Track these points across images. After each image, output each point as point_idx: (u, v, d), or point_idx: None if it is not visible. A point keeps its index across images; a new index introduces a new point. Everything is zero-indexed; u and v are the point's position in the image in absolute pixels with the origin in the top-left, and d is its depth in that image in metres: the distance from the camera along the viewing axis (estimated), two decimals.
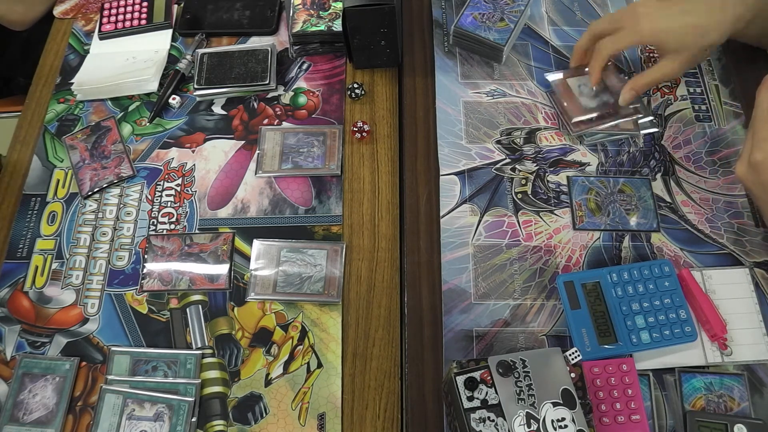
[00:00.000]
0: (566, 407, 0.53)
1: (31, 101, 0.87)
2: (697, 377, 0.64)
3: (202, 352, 0.68)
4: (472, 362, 0.55)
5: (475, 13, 0.84)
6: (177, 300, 0.72)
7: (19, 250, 0.75)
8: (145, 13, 0.93)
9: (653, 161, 0.76)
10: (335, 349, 0.68)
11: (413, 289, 0.69)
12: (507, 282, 0.69)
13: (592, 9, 0.90)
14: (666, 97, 0.81)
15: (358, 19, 0.77)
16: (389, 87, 0.85)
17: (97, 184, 0.79)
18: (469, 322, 0.67)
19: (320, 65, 0.88)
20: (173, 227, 0.76)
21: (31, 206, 0.78)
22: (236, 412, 0.65)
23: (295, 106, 0.84)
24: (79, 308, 0.72)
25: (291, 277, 0.72)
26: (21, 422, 0.65)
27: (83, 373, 0.68)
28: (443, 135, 0.78)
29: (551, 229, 0.72)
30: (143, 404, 0.65)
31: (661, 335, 0.63)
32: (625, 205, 0.73)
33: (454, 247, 0.71)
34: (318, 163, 0.79)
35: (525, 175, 0.76)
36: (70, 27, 0.94)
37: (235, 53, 0.87)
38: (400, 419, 0.65)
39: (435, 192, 0.75)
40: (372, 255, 0.73)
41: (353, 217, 0.76)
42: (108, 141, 0.82)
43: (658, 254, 0.70)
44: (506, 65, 0.84)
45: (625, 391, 0.61)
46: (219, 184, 0.79)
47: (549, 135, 0.79)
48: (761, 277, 0.69)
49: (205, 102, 0.85)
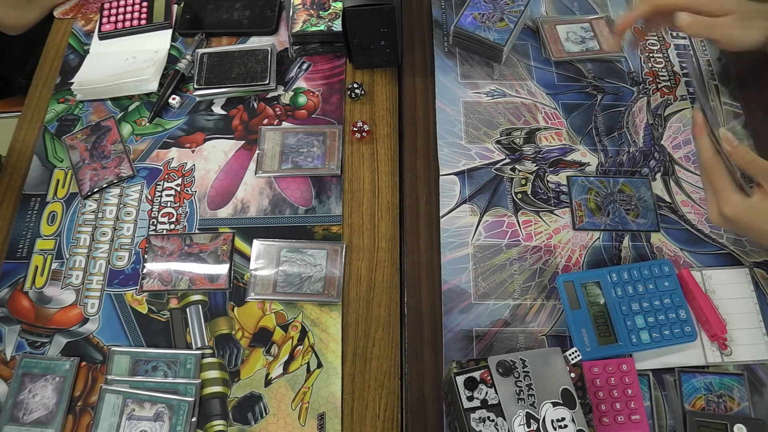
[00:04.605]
0: (566, 407, 0.53)
1: (31, 101, 0.87)
2: (696, 377, 0.64)
3: (202, 352, 0.68)
4: (472, 362, 0.55)
5: (474, 13, 0.84)
6: (177, 300, 0.72)
7: (19, 250, 0.75)
8: (145, 13, 0.93)
9: (653, 161, 0.76)
10: (335, 349, 0.68)
11: (413, 289, 0.69)
12: (507, 282, 0.69)
13: (592, 9, 0.90)
14: (666, 97, 0.82)
15: (358, 19, 0.77)
16: (389, 87, 0.85)
17: (97, 184, 0.79)
18: (468, 322, 0.67)
19: (320, 65, 0.88)
20: (173, 227, 0.76)
21: (31, 206, 0.78)
22: (236, 412, 0.65)
23: (295, 106, 0.84)
24: (79, 308, 0.72)
25: (291, 277, 0.72)
26: (21, 422, 0.65)
27: (83, 373, 0.68)
28: (443, 135, 0.79)
29: (551, 229, 0.72)
30: (143, 404, 0.65)
31: (661, 335, 0.63)
32: (624, 205, 0.73)
33: (454, 247, 0.71)
34: (318, 163, 0.79)
35: (525, 175, 0.76)
36: (70, 27, 0.94)
37: (235, 53, 0.87)
38: (400, 419, 0.65)
39: (435, 192, 0.75)
40: (372, 255, 0.73)
41: (353, 217, 0.76)
42: (108, 141, 0.82)
43: (657, 254, 0.70)
44: (506, 65, 0.84)
45: (624, 391, 0.61)
46: (219, 184, 0.79)
47: (549, 135, 0.79)
48: (761, 277, 0.69)
49: (205, 102, 0.85)
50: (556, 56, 0.84)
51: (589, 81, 0.83)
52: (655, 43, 0.86)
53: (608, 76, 0.83)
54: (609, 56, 0.85)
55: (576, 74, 0.84)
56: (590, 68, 0.84)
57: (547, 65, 0.84)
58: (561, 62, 0.84)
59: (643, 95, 0.82)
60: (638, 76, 0.83)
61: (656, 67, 0.84)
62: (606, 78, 0.83)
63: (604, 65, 0.84)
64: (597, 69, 0.84)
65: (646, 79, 0.83)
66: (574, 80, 0.83)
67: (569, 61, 0.84)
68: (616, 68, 0.84)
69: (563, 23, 0.87)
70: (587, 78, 0.83)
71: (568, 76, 0.83)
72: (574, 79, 0.83)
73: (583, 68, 0.84)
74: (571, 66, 0.84)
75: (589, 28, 0.87)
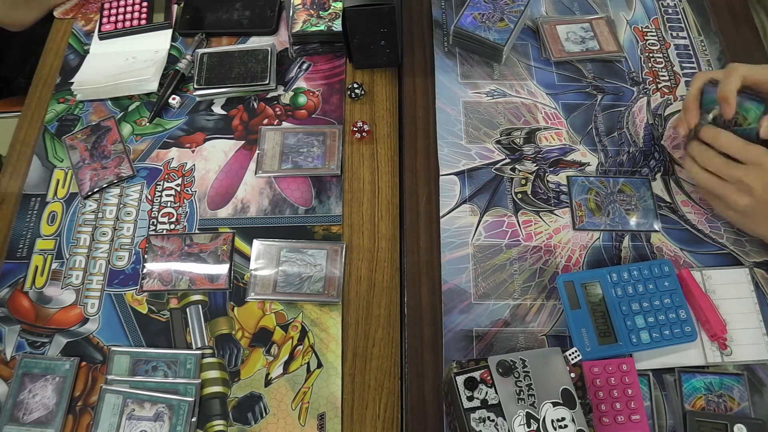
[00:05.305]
0: (566, 407, 0.53)
1: (31, 101, 0.87)
2: (696, 377, 0.64)
3: (202, 352, 0.68)
4: (472, 362, 0.55)
5: (474, 13, 0.84)
6: (177, 300, 0.72)
7: (19, 250, 0.75)
8: (145, 13, 0.93)
9: (653, 161, 0.76)
10: (335, 349, 0.68)
11: (413, 289, 0.69)
12: (507, 282, 0.69)
13: (592, 9, 0.90)
14: (666, 97, 0.82)
15: (358, 19, 0.77)
16: (389, 87, 0.85)
17: (97, 184, 0.79)
18: (468, 322, 0.67)
19: (320, 65, 0.88)
20: (173, 227, 0.76)
21: (31, 206, 0.78)
22: (236, 412, 0.65)
23: (295, 106, 0.84)
24: (79, 308, 0.72)
25: (291, 277, 0.72)
26: (21, 422, 0.65)
27: (83, 373, 0.68)
28: (443, 135, 0.79)
29: (551, 229, 0.72)
30: (143, 404, 0.65)
31: (661, 335, 0.63)
32: (624, 205, 0.73)
33: (454, 247, 0.71)
34: (318, 163, 0.79)
35: (525, 175, 0.76)
36: (70, 27, 0.94)
37: (235, 53, 0.87)
38: (400, 419, 0.65)
39: (435, 192, 0.75)
40: (372, 255, 0.73)
41: (353, 217, 0.76)
42: (108, 141, 0.82)
43: (657, 254, 0.70)
44: (506, 65, 0.84)
45: (624, 391, 0.61)
46: (219, 184, 0.79)
47: (549, 135, 0.79)
48: (761, 277, 0.69)
49: (205, 102, 0.85)
50: (556, 56, 0.84)
51: (589, 81, 0.83)
52: (655, 43, 0.86)
53: (608, 76, 0.83)
54: (609, 56, 0.85)
55: (576, 74, 0.84)
56: (590, 68, 0.84)
57: (547, 65, 0.84)
58: (561, 62, 0.84)
59: (643, 95, 0.82)
60: (638, 76, 0.83)
61: (656, 67, 0.84)
62: (606, 78, 0.83)
63: (604, 65, 0.84)
64: (597, 69, 0.84)
65: (646, 79, 0.83)
66: (574, 80, 0.83)
67: (569, 61, 0.84)
68: (616, 68, 0.84)
69: (563, 23, 0.87)
70: (587, 78, 0.83)
71: (568, 76, 0.83)
72: (574, 79, 0.83)
73: (583, 68, 0.84)
74: (571, 66, 0.84)
75: (589, 28, 0.87)
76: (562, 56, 0.84)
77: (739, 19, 0.88)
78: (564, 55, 0.84)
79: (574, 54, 0.84)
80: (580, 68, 0.84)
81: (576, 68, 0.84)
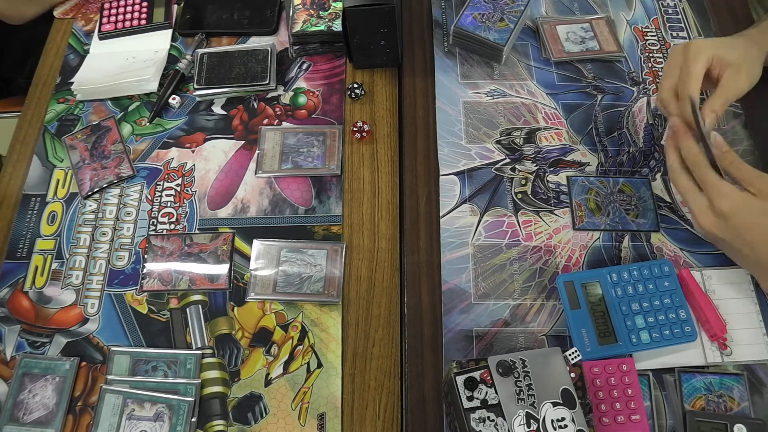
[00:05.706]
0: (566, 407, 0.53)
1: (31, 101, 0.87)
2: (696, 377, 0.64)
3: (202, 352, 0.68)
4: (472, 362, 0.55)
5: (474, 13, 0.84)
6: (177, 300, 0.72)
7: (18, 250, 0.75)
8: (145, 13, 0.93)
9: (653, 161, 0.76)
10: (335, 349, 0.68)
11: (413, 289, 0.69)
12: (507, 282, 0.69)
13: (592, 9, 0.90)
14: None
15: (358, 19, 0.77)
16: (389, 87, 0.85)
17: (97, 184, 0.79)
18: (468, 322, 0.67)
19: (320, 65, 0.88)
20: (173, 227, 0.76)
21: (31, 206, 0.78)
22: (236, 412, 0.65)
23: (295, 106, 0.84)
24: (79, 308, 0.72)
25: (291, 277, 0.72)
26: (21, 422, 0.65)
27: (83, 373, 0.68)
28: (443, 135, 0.79)
29: (551, 229, 0.72)
30: (143, 404, 0.65)
31: (661, 335, 0.63)
32: (624, 205, 0.73)
33: (454, 247, 0.71)
34: (318, 163, 0.79)
35: (525, 175, 0.76)
36: (70, 27, 0.94)
37: (235, 53, 0.87)
38: (400, 419, 0.65)
39: (435, 192, 0.75)
40: (372, 255, 0.73)
41: (353, 217, 0.76)
42: (108, 141, 0.82)
43: (657, 254, 0.70)
44: (506, 65, 0.84)
45: (624, 391, 0.61)
46: (219, 184, 0.79)
47: (549, 135, 0.79)
48: None
49: (205, 102, 0.85)
50: (556, 56, 0.84)
51: (589, 81, 0.83)
52: (655, 43, 0.86)
53: (608, 76, 0.83)
54: (609, 56, 0.85)
55: (576, 74, 0.84)
56: (590, 68, 0.84)
57: (547, 65, 0.84)
58: (561, 62, 0.84)
59: (643, 95, 0.82)
60: (638, 76, 0.83)
61: (656, 67, 0.84)
62: (606, 78, 0.83)
63: (604, 65, 0.84)
64: (597, 69, 0.84)
65: (646, 79, 0.83)
66: (574, 80, 0.83)
67: (569, 61, 0.84)
68: (616, 68, 0.84)
69: (563, 23, 0.87)
70: (587, 78, 0.83)
71: (568, 76, 0.83)
72: (574, 79, 0.83)
73: (583, 68, 0.84)
74: (571, 66, 0.84)
75: (589, 28, 0.87)
76: (562, 56, 0.84)
77: (739, 19, 0.88)
78: (564, 55, 0.84)
79: (574, 54, 0.84)
80: (580, 68, 0.84)
81: (576, 68, 0.84)
